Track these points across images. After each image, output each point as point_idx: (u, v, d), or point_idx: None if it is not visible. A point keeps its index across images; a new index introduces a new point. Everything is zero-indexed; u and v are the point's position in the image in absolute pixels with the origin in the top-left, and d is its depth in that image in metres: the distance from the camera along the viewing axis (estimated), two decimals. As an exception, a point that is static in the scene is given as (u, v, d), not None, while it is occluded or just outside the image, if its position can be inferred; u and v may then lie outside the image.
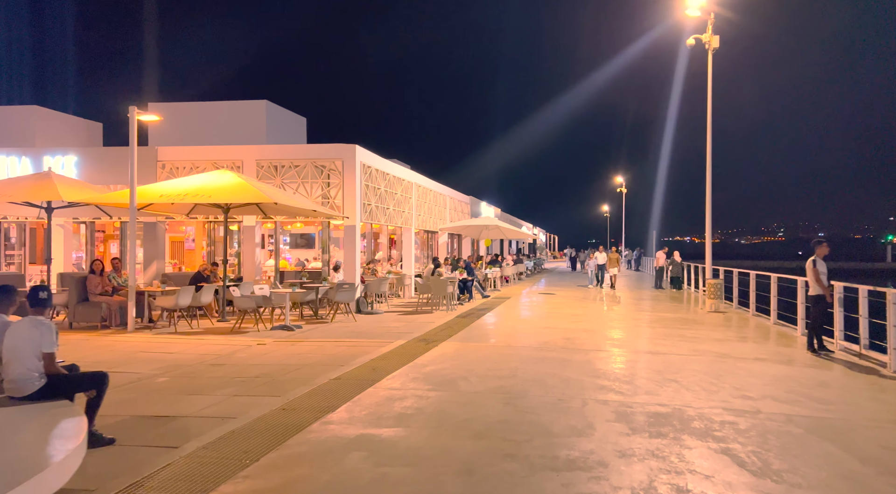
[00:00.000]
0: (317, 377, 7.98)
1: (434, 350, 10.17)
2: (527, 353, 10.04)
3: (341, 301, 14.23)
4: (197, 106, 21.51)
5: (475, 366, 8.84)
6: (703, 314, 16.69)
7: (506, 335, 12.26)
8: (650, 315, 16.12)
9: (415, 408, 6.55)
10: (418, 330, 12.62)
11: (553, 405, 6.72)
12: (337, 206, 16.35)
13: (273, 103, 21.39)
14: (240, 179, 12.91)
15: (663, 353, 10.23)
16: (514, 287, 26.56)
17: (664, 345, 11.06)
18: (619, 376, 8.34)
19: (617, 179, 58.11)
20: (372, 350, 10.15)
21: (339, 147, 16.61)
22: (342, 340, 11.35)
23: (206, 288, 13.21)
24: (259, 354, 9.88)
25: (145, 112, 12.71)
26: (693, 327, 13.83)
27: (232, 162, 16.67)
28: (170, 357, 9.60)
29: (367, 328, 13.02)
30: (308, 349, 10.33)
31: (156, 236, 17.00)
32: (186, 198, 12.32)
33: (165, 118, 20.56)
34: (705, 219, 18.96)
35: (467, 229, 26.34)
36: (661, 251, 27.25)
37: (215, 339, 11.43)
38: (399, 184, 20.35)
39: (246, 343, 10.92)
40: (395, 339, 11.40)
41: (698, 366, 9.09)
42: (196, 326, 13.08)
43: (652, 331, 12.99)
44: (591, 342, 11.36)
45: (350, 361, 9.17)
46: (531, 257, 48.72)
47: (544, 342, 11.28)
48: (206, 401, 6.85)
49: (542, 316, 15.64)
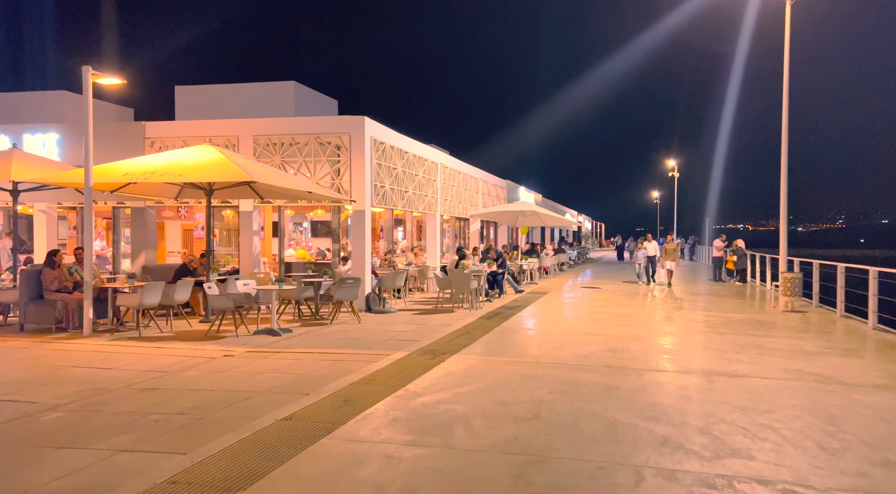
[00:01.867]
0: (260, 416, 5.76)
1: (439, 369, 7.86)
2: (559, 374, 7.63)
3: (343, 299, 12.04)
4: (223, 88, 19.92)
5: (485, 397, 6.49)
6: (778, 315, 13.93)
7: (535, 344, 9.85)
8: (714, 316, 13.44)
9: (373, 487, 4.25)
10: (428, 337, 10.32)
11: (591, 481, 4.33)
12: (345, 189, 14.14)
13: (301, 85, 19.54)
14: (219, 156, 10.77)
15: (743, 375, 7.68)
16: (554, 280, 24.00)
17: (741, 362, 8.48)
18: (689, 417, 5.87)
19: (669, 162, 54.47)
20: (358, 368, 7.90)
21: (345, 120, 14.37)
22: (329, 351, 9.14)
23: (182, 284, 11.19)
24: (213, 372, 7.74)
25: (101, 74, 10.65)
26: (771, 332, 11.15)
27: (227, 139, 14.62)
28: (101, 375, 7.55)
29: (369, 333, 10.79)
30: (279, 365, 8.14)
31: (145, 223, 15.13)
32: (154, 176, 10.26)
33: (191, 100, 18.93)
34: (780, 203, 16.08)
35: (501, 216, 23.86)
36: (718, 239, 24.25)
37: (178, 347, 9.37)
38: (421, 164, 18.03)
39: (209, 355, 8.81)
40: (396, 350, 9.14)
41: (798, 399, 6.54)
42: (169, 328, 11.09)
43: (721, 339, 10.39)
44: (643, 355, 8.86)
45: (322, 386, 6.94)
46: (574, 245, 45.87)
47: (583, 355, 8.84)
48: (71, 463, 4.68)
49: (582, 317, 13.15)
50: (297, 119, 14.54)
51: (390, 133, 15.72)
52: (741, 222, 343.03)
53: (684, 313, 14.19)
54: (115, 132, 15.01)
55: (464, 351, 9.06)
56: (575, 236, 64.24)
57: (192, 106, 18.62)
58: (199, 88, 19.86)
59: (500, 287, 17.00)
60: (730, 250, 23.16)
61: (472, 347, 9.43)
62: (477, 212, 23.43)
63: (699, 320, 12.97)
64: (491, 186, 27.44)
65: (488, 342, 9.96)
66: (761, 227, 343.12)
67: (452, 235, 25.63)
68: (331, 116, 14.82)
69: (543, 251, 27.16)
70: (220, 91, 19.85)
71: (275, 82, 19.97)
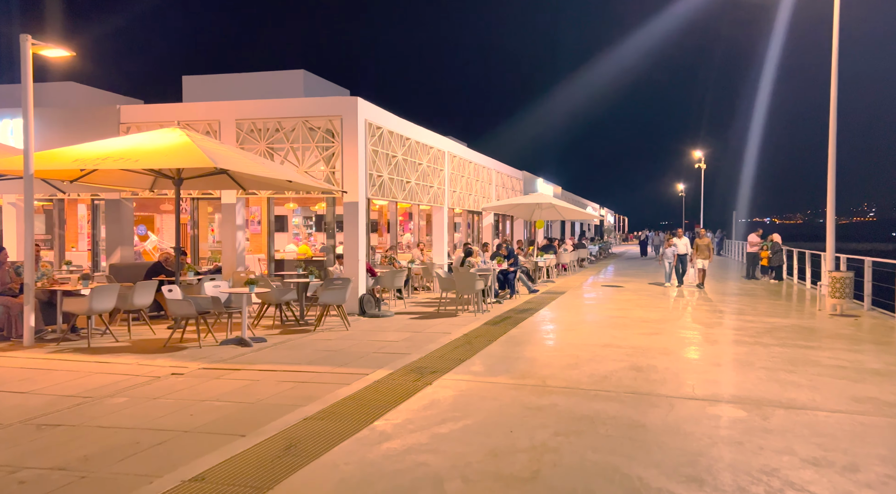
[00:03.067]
0: (163, 475, 4.31)
1: (422, 395, 6.37)
2: (570, 404, 6.10)
3: (328, 303, 10.60)
4: (231, 78, 18.66)
5: (471, 443, 4.99)
6: (826, 320, 12.23)
7: (545, 359, 8.31)
8: (754, 322, 11.77)
9: None
10: (420, 349, 8.84)
11: None
12: (336, 179, 12.69)
13: (311, 74, 18.19)
14: (185, 139, 9.37)
15: (803, 407, 6.08)
16: (573, 278, 22.35)
17: (797, 385, 6.87)
18: (744, 478, 4.31)
19: (695, 154, 52.20)
20: (323, 393, 6.44)
21: (335, 101, 12.91)
22: (297, 369, 7.69)
23: (141, 286, 9.82)
24: (145, 399, 6.32)
25: (44, 45, 9.27)
26: (824, 343, 9.48)
27: (207, 124, 13.25)
28: (6, 402, 6.18)
29: (353, 344, 9.34)
30: (229, 389, 6.71)
31: (120, 217, 13.82)
32: (106, 163, 8.89)
33: (198, 90, 17.68)
34: (826, 193, 14.31)
35: (516, 209, 22.26)
36: (754, 234, 22.40)
37: (124, 363, 7.99)
38: (425, 152, 16.51)
39: (155, 373, 7.41)
40: (378, 367, 7.67)
41: (885, 445, 4.93)
42: (128, 337, 9.74)
43: (766, 353, 8.76)
44: (674, 376, 7.28)
45: (267, 422, 5.48)
46: (596, 240, 44.03)
47: (602, 375, 7.29)
48: None
49: (601, 323, 11.56)
50: (284, 101, 13.11)
51: (388, 116, 14.22)
52: (767, 216, 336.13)
53: (719, 317, 12.52)
54: (86, 117, 13.75)
55: (458, 369, 7.56)
56: (597, 231, 62.26)
57: (200, 96, 17.32)
58: (207, 78, 18.66)
59: (512, 287, 15.44)
60: (766, 245, 21.33)
61: (470, 363, 7.93)
62: (489, 205, 21.86)
63: (737, 326, 11.30)
64: (505, 177, 25.83)
65: (489, 355, 8.43)
66: (788, 220, 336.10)
67: (466, 229, 24.11)
68: (320, 96, 13.35)
69: (562, 247, 25.50)
70: (228, 80, 18.66)
71: (284, 71, 18.71)
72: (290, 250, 18.46)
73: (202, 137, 10.28)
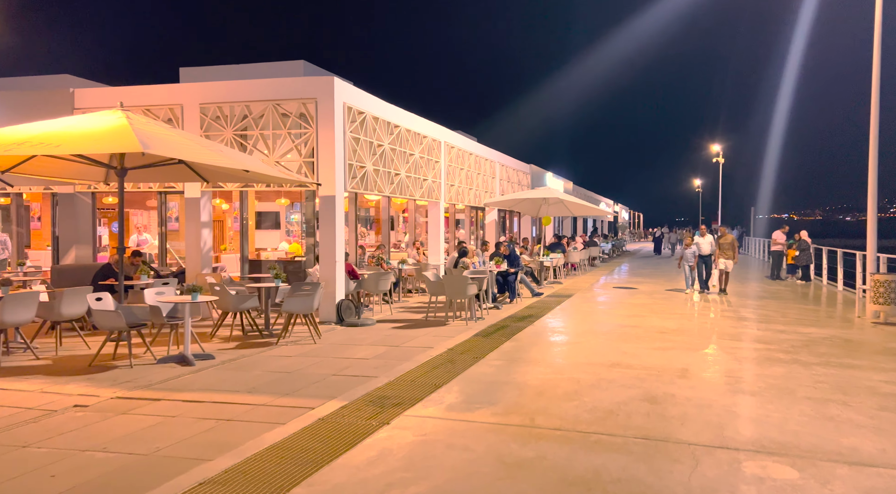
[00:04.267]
0: None
1: (370, 442, 4.92)
2: (563, 455, 4.62)
3: (292, 312, 9.18)
4: (229, 69, 17.39)
5: (416, 528, 3.53)
6: (869, 329, 10.67)
7: (537, 384, 6.81)
8: (787, 332, 10.19)
9: None
10: (391, 370, 7.39)
11: None
12: (312, 171, 11.26)
13: (311, 64, 16.88)
14: (123, 122, 7.96)
15: (871, 462, 4.56)
16: (582, 278, 20.78)
17: (856, 425, 5.33)
18: None
19: (713, 147, 50.19)
20: (245, 438, 5.01)
21: (309, 81, 11.47)
22: (231, 399, 6.26)
23: (70, 294, 8.45)
24: (11, 446, 4.92)
25: None
26: (875, 362, 7.91)
27: (168, 108, 11.87)
28: None
29: (313, 362, 7.91)
30: (133, 430, 5.30)
31: (75, 213, 12.50)
32: (23, 148, 7.52)
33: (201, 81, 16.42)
34: (867, 186, 12.68)
35: (522, 205, 20.76)
36: (779, 231, 20.72)
37: (24, 388, 6.61)
38: (418, 142, 15.03)
39: (52, 406, 6.02)
40: (330, 397, 6.23)
41: None
42: (55, 351, 8.38)
43: (808, 375, 7.21)
44: (697, 410, 5.77)
45: (153, 485, 4.06)
46: (609, 237, 42.34)
47: (606, 409, 5.80)
48: None
49: (610, 335, 10.04)
50: (253, 82, 11.67)
51: (372, 100, 12.77)
52: (785, 212, 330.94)
53: (745, 326, 10.96)
54: (38, 101, 12.44)
55: (429, 399, 6.11)
56: (610, 227, 60.48)
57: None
58: (205, 69, 17.38)
59: (512, 291, 13.94)
60: (792, 243, 19.66)
61: (446, 390, 6.47)
62: (491, 201, 20.34)
63: (768, 338, 9.74)
64: (511, 171, 24.29)
65: (472, 379, 6.96)
66: (807, 216, 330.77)
67: (470, 227, 22.62)
68: (293, 77, 11.94)
69: (572, 245, 23.94)
70: (227, 71, 17.42)
71: (283, 62, 17.42)
72: (282, 248, 17.17)
73: (147, 120, 8.88)
